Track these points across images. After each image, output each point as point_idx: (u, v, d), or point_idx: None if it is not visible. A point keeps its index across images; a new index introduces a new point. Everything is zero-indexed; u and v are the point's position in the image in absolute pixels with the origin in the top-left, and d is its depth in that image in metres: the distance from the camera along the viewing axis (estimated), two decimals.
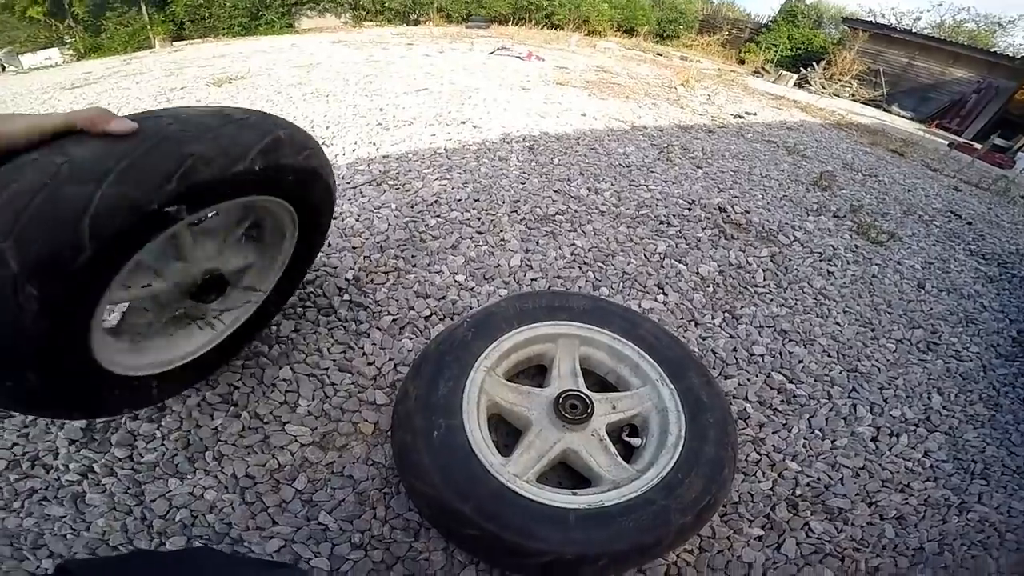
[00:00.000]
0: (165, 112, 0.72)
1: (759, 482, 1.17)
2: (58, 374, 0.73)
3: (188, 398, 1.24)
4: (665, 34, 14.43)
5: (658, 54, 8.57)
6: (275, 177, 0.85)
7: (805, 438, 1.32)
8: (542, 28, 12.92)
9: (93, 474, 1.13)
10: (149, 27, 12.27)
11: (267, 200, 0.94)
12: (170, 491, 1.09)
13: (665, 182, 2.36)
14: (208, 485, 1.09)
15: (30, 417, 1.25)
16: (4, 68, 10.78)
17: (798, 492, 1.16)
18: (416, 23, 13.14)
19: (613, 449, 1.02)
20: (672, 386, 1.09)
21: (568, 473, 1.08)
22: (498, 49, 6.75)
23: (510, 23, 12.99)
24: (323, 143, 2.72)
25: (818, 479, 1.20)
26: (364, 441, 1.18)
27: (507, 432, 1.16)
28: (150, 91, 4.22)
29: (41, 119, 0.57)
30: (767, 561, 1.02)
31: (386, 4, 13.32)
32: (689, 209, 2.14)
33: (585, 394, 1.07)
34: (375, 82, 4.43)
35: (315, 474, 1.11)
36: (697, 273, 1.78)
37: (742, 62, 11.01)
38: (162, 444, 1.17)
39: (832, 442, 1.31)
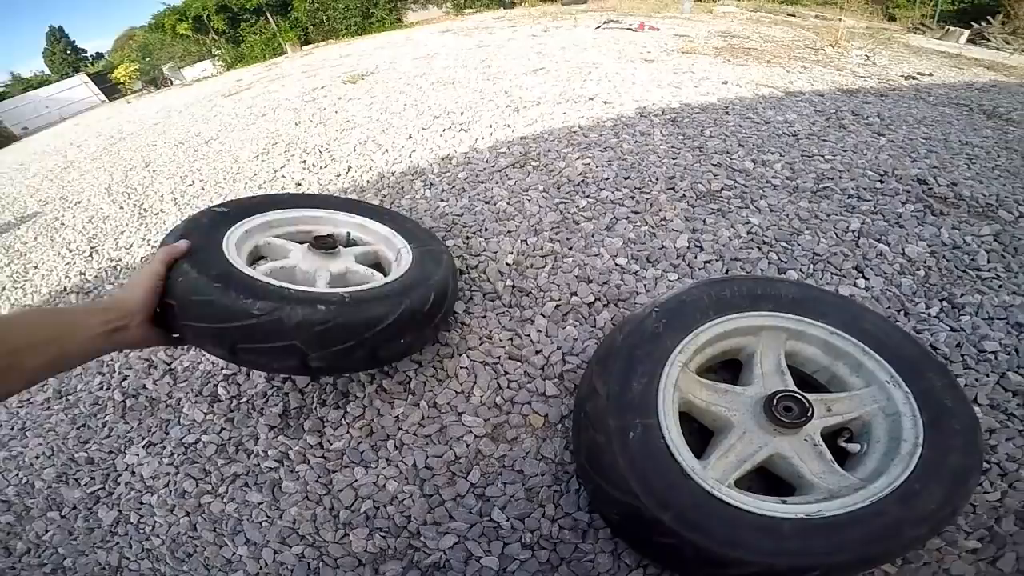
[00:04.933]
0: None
1: (985, 493, 0.98)
2: None
3: (367, 385, 1.28)
4: None
5: (790, 15, 7.62)
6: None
7: None
8: None
9: (288, 461, 1.19)
10: (279, 34, 13.71)
11: None
12: (356, 480, 1.11)
13: (843, 151, 2.04)
14: (390, 475, 1.11)
15: (235, 402, 1.36)
16: (172, 82, 12.79)
17: None
18: (512, 5, 13.11)
19: (829, 456, 0.90)
20: (907, 388, 0.92)
21: (757, 476, 0.97)
22: (605, 23, 6.46)
23: None
24: (460, 129, 2.77)
25: None
26: (534, 434, 1.14)
27: (688, 431, 1.04)
28: (296, 92, 4.67)
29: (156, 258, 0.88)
30: (978, 575, 0.87)
31: None
32: (881, 181, 1.81)
33: (803, 396, 0.93)
34: (492, 66, 4.45)
35: (488, 467, 1.09)
36: (903, 254, 1.50)
37: (892, 19, 9.42)
38: (347, 432, 1.20)
39: None
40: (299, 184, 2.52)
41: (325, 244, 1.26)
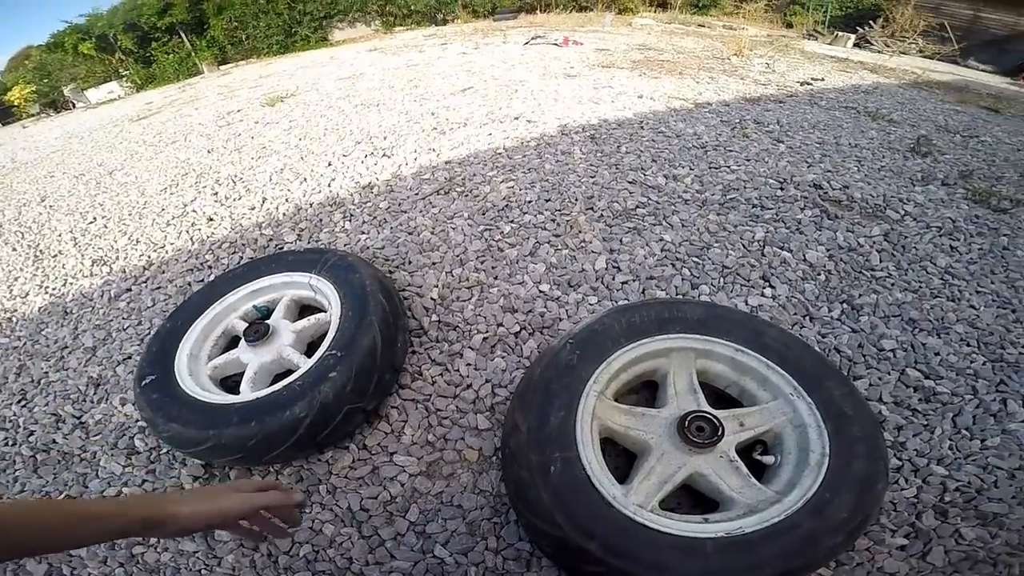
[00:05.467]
0: None
1: (902, 490, 1.05)
2: None
3: None
4: (701, 4, 13.72)
5: (700, 25, 8.14)
6: None
7: (951, 439, 1.15)
8: (571, 12, 12.55)
9: None
10: (194, 53, 12.92)
11: None
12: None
13: (747, 160, 2.17)
14: (326, 519, 1.09)
15: (155, 454, 1.33)
16: (74, 105, 11.72)
17: (947, 498, 1.03)
18: (444, 22, 13.13)
19: (745, 471, 0.93)
20: (810, 399, 0.97)
21: (686, 492, 1.01)
22: (533, 39, 6.58)
23: (537, 11, 12.71)
24: (384, 154, 2.71)
25: (968, 483, 1.06)
26: (470, 469, 1.14)
27: (615, 454, 1.09)
28: (210, 116, 4.40)
29: (252, 500, 0.64)
30: (911, 571, 0.93)
31: (412, 7, 13.35)
32: (781, 189, 1.94)
33: (713, 415, 0.97)
34: (420, 86, 4.41)
35: (426, 505, 1.09)
36: (804, 260, 1.61)
37: (790, 26, 10.27)
38: (276, 479, 1.18)
39: (982, 442, 1.14)
40: (211, 219, 2.36)
41: (257, 333, 1.31)
